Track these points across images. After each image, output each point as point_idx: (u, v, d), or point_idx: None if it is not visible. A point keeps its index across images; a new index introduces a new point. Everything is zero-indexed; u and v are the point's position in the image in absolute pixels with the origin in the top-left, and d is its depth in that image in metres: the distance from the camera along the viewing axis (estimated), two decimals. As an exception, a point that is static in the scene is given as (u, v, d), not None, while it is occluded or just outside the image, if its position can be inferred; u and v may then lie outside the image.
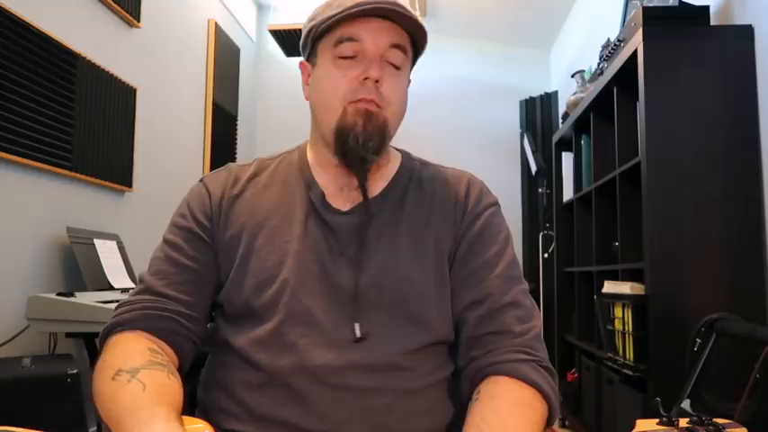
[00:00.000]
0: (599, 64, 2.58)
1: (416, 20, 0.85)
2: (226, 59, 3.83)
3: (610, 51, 2.36)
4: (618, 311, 1.98)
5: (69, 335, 1.90)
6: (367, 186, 0.86)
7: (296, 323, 0.80)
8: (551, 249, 3.70)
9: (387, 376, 0.78)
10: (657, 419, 0.70)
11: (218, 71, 3.69)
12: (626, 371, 1.91)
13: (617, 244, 2.22)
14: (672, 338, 1.71)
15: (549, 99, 4.32)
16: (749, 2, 1.87)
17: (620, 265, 2.14)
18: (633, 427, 0.72)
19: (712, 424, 0.70)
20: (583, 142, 2.87)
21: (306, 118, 0.93)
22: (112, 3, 2.52)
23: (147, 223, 2.79)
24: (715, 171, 1.80)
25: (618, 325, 1.99)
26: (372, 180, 0.89)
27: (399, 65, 0.86)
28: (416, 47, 0.90)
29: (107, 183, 2.50)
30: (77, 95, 2.29)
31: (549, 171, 3.66)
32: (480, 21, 4.25)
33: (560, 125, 3.47)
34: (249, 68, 4.31)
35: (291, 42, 3.70)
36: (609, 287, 2.11)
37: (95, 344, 2.00)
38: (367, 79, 0.82)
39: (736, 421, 0.68)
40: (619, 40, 2.24)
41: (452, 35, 4.35)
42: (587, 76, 3.01)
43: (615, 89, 2.22)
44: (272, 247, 0.84)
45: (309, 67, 0.90)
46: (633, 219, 2.01)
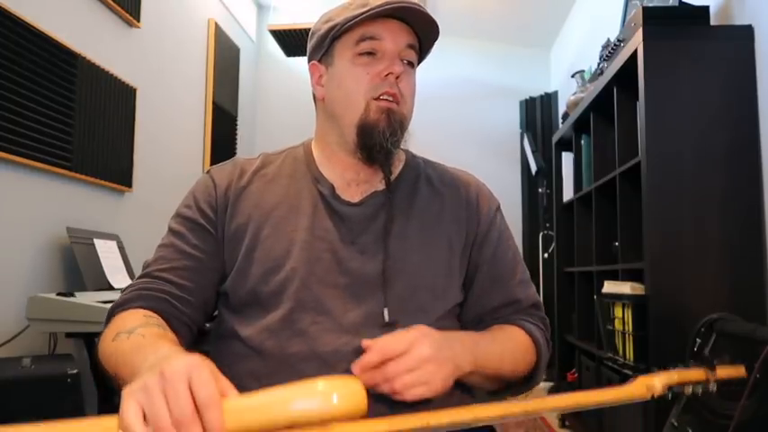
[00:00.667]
0: (599, 64, 2.58)
1: (434, 21, 0.89)
2: (226, 60, 3.83)
3: (610, 51, 2.36)
4: (618, 311, 1.98)
5: (69, 335, 1.90)
6: (349, 180, 0.92)
7: (306, 310, 0.82)
8: (551, 249, 3.70)
9: None
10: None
11: (217, 71, 3.69)
12: (626, 371, 1.91)
13: (617, 244, 2.22)
14: (672, 338, 1.71)
15: (549, 99, 4.32)
16: (749, 2, 1.86)
17: (620, 265, 2.14)
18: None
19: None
20: (583, 142, 2.87)
21: (306, 118, 0.95)
22: (112, 3, 2.52)
23: (147, 223, 2.79)
24: (715, 171, 1.80)
25: (618, 325, 1.99)
26: (379, 175, 0.92)
27: (413, 62, 0.92)
28: (421, 49, 0.95)
29: (107, 183, 2.50)
30: (77, 95, 2.29)
31: (549, 171, 3.66)
32: (480, 21, 4.25)
33: (560, 125, 3.47)
34: (249, 68, 4.31)
35: (291, 42, 3.69)
36: (609, 287, 2.11)
37: (95, 344, 2.00)
38: (389, 75, 0.86)
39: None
40: (619, 40, 2.24)
41: (453, 35, 4.35)
42: (587, 76, 3.01)
43: (615, 89, 2.22)
44: (278, 237, 0.86)
45: (323, 68, 0.93)
46: (633, 219, 2.01)
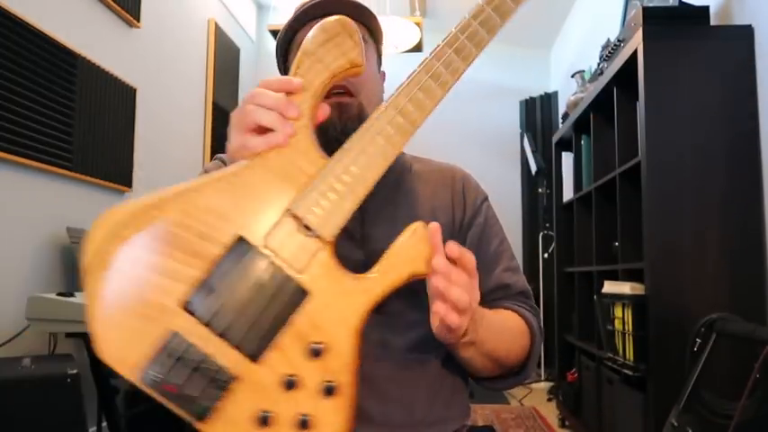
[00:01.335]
0: (599, 64, 2.58)
1: (352, 3, 0.89)
2: (225, 59, 3.83)
3: (610, 51, 2.36)
4: (618, 311, 1.98)
5: (69, 335, 1.90)
6: None
7: None
8: (551, 249, 3.70)
9: (386, 349, 0.80)
10: None
11: (217, 71, 3.69)
12: (626, 371, 1.91)
13: (617, 244, 2.21)
14: (672, 338, 1.71)
15: (549, 99, 4.32)
16: (749, 2, 1.87)
17: (620, 265, 2.14)
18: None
19: None
20: (583, 142, 2.87)
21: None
22: (112, 3, 2.52)
23: (147, 223, 2.79)
24: (715, 171, 1.80)
25: (618, 325, 1.99)
26: None
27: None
28: (375, 36, 0.96)
29: (107, 183, 2.50)
30: (77, 95, 2.29)
31: (549, 171, 3.66)
32: (480, 21, 4.25)
33: (560, 125, 3.47)
34: (249, 68, 4.31)
35: (291, 42, 3.69)
36: (609, 287, 2.11)
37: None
38: None
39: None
40: (619, 40, 2.24)
41: (452, 35, 4.34)
42: (587, 77, 3.01)
43: (615, 89, 2.22)
44: None
45: None
46: (633, 219, 2.01)
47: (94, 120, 2.41)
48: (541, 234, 3.98)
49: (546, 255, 3.91)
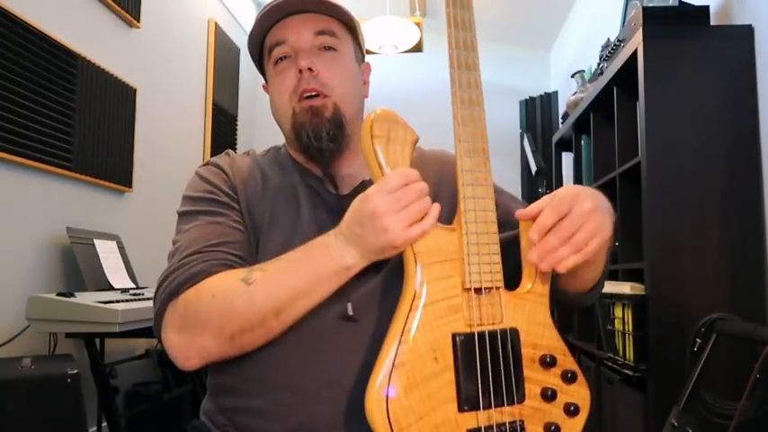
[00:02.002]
0: (599, 64, 2.58)
1: (323, 1, 0.86)
2: (226, 59, 3.83)
3: (610, 51, 2.35)
4: (618, 311, 1.98)
5: (69, 335, 1.90)
6: (334, 174, 0.88)
7: None
8: (551, 249, 3.70)
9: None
10: None
11: (218, 71, 3.69)
12: (626, 371, 1.91)
13: (617, 244, 2.21)
14: (672, 338, 1.71)
15: (549, 99, 4.32)
16: (749, 2, 1.87)
17: (620, 265, 2.14)
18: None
19: None
20: (583, 142, 2.87)
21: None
22: (112, 3, 2.52)
23: (147, 223, 2.79)
24: (715, 171, 1.80)
25: (618, 325, 1.99)
26: (353, 165, 0.90)
27: (333, 46, 0.88)
28: (351, 29, 0.92)
29: (107, 183, 2.50)
30: (77, 95, 2.29)
31: (549, 171, 3.66)
32: (480, 21, 4.23)
33: (560, 125, 3.47)
34: (249, 68, 4.31)
35: (291, 42, 3.69)
36: (609, 287, 2.11)
37: (95, 344, 2.01)
38: (301, 72, 0.84)
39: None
40: (619, 40, 2.24)
41: (452, 35, 4.34)
42: (587, 77, 3.01)
43: (615, 89, 2.22)
44: (278, 228, 0.84)
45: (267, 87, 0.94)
46: (633, 219, 2.01)
47: (94, 120, 2.41)
48: (541, 234, 3.97)
49: (546, 255, 3.90)
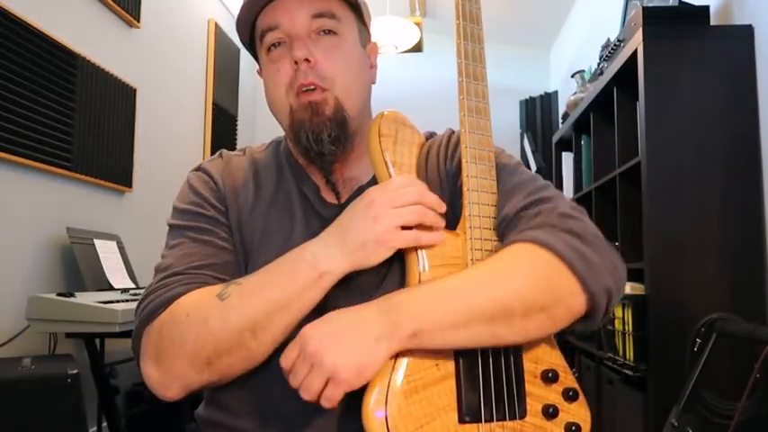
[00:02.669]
0: (599, 64, 2.58)
1: None
2: (226, 59, 3.83)
3: (610, 51, 2.35)
4: (618, 311, 1.98)
5: (69, 335, 1.90)
6: (334, 180, 0.80)
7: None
8: (551, 249, 3.70)
9: None
10: None
11: (218, 71, 3.69)
12: (626, 371, 1.91)
13: (617, 244, 2.21)
14: (672, 338, 1.71)
15: (549, 99, 4.32)
16: (749, 2, 1.86)
17: (620, 265, 2.14)
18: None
19: None
20: (583, 142, 2.87)
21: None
22: (112, 3, 2.52)
23: (147, 223, 2.79)
24: (715, 171, 1.80)
25: (618, 325, 1.99)
26: (357, 168, 0.83)
27: (332, 29, 0.77)
28: (355, 8, 0.82)
29: (107, 183, 2.50)
30: (77, 95, 2.29)
31: (549, 171, 3.66)
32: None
33: (560, 125, 3.47)
34: (249, 68, 4.31)
35: (291, 42, 3.69)
36: (609, 287, 2.11)
37: (95, 344, 2.01)
38: (297, 63, 0.75)
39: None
40: (619, 40, 2.24)
41: (452, 35, 4.34)
42: (587, 76, 3.01)
43: (615, 89, 2.22)
44: (270, 248, 0.77)
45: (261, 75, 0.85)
46: (633, 219, 2.01)
47: (94, 120, 2.41)
48: (541, 234, 3.97)
49: (546, 255, 3.91)
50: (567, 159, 3.18)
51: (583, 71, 3.08)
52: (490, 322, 0.62)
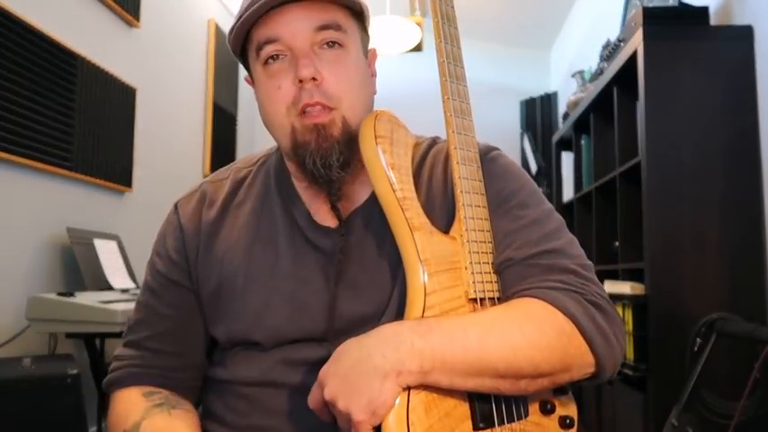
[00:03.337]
0: (599, 64, 2.58)
1: None
2: (226, 59, 3.83)
3: (610, 51, 2.36)
4: (618, 311, 1.99)
5: (69, 335, 1.90)
6: (339, 206, 0.75)
7: (292, 365, 0.73)
8: (551, 249, 3.70)
9: None
10: None
11: (218, 71, 3.69)
12: (626, 371, 1.91)
13: (617, 244, 2.22)
14: (672, 338, 1.71)
15: (549, 99, 4.32)
16: (749, 2, 1.87)
17: (620, 265, 2.14)
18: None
19: None
20: (583, 142, 2.88)
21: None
22: (112, 3, 2.52)
23: (147, 223, 2.79)
24: (715, 171, 1.80)
25: (618, 325, 1.99)
26: (357, 185, 0.78)
27: (338, 41, 0.72)
28: (358, 16, 0.77)
29: (107, 183, 2.50)
30: (77, 95, 2.29)
31: (549, 171, 3.66)
32: (480, 21, 4.25)
33: (560, 125, 3.48)
34: (249, 68, 4.32)
35: (291, 42, 3.69)
36: (609, 287, 2.11)
37: (95, 344, 2.01)
38: (302, 81, 0.70)
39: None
40: (619, 40, 2.24)
41: (452, 35, 4.34)
42: (587, 76, 3.01)
43: (615, 89, 2.22)
44: (255, 289, 0.75)
45: (251, 82, 0.79)
46: (633, 219, 2.01)
47: (94, 120, 2.41)
48: (541, 234, 3.97)
49: (546, 255, 3.91)
50: (567, 159, 3.18)
51: (583, 71, 3.08)
52: (498, 379, 0.63)
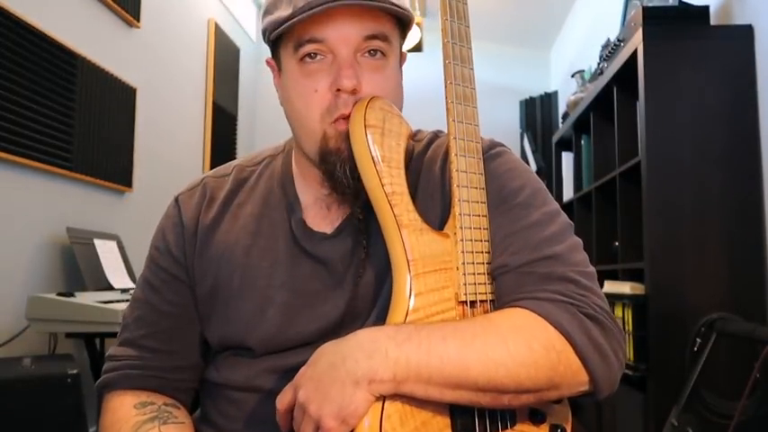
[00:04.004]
0: (599, 64, 2.58)
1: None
2: (225, 59, 3.83)
3: (610, 51, 2.36)
4: (618, 311, 1.98)
5: (69, 335, 1.90)
6: (360, 217, 0.73)
7: (280, 372, 0.73)
8: (551, 249, 3.70)
9: None
10: None
11: (218, 71, 3.69)
12: (626, 371, 1.91)
13: (617, 244, 2.22)
14: (672, 338, 1.71)
15: (549, 99, 4.32)
16: (749, 2, 1.87)
17: (620, 265, 2.14)
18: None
19: None
20: (583, 142, 2.88)
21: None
22: (112, 3, 2.52)
23: (147, 223, 2.78)
24: (715, 171, 1.80)
25: (618, 325, 1.99)
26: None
27: (382, 51, 0.70)
28: (401, 19, 0.73)
29: (107, 183, 2.50)
30: (77, 95, 2.28)
31: (549, 171, 3.66)
32: (480, 21, 4.25)
33: (560, 125, 3.48)
34: (249, 68, 4.31)
35: (291, 42, 3.69)
36: (609, 287, 2.11)
37: (95, 344, 2.01)
38: (340, 90, 0.68)
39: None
40: (619, 40, 2.24)
41: (452, 35, 4.34)
42: (587, 76, 3.01)
43: (615, 89, 2.22)
44: (250, 294, 0.75)
45: (275, 67, 0.76)
46: (633, 219, 2.01)
47: (94, 120, 2.41)
48: (541, 234, 3.98)
49: (546, 255, 3.91)
50: (567, 159, 3.18)
51: (583, 71, 3.08)
52: (478, 392, 0.60)
